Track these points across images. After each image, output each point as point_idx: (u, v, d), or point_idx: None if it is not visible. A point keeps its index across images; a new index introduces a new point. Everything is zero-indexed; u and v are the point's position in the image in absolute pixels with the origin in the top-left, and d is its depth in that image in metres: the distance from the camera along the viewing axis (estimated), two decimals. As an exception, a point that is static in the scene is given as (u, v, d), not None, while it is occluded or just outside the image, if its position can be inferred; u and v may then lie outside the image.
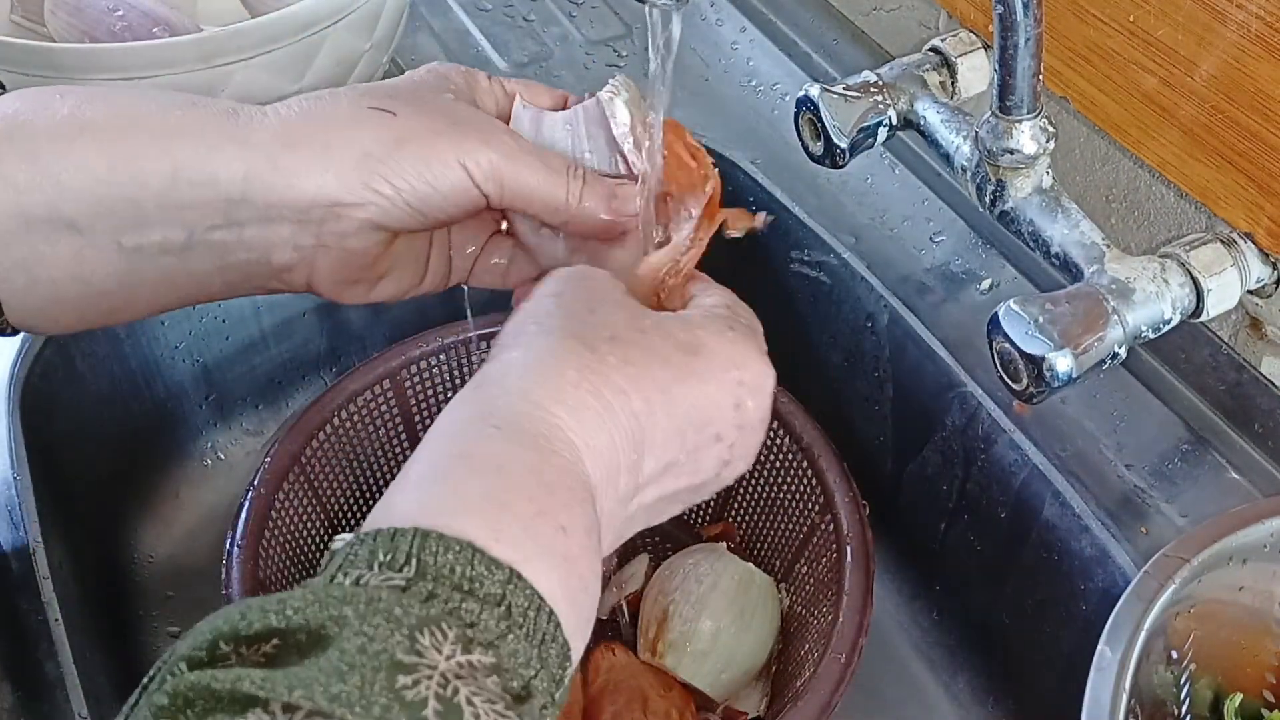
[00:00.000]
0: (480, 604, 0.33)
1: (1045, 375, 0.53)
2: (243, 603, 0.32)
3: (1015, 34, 0.52)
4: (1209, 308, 0.57)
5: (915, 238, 0.74)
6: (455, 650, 0.31)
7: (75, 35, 0.72)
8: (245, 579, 0.61)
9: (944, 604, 0.74)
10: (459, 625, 0.32)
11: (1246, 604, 0.55)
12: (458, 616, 0.32)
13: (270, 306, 0.78)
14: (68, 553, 0.64)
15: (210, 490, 0.79)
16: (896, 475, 0.74)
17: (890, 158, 0.78)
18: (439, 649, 0.31)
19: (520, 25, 0.90)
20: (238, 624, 0.31)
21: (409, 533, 0.34)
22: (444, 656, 0.31)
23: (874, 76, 0.65)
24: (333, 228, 0.47)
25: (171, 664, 0.31)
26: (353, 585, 0.33)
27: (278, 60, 0.68)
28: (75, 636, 0.56)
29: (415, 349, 0.72)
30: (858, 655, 0.59)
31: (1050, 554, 0.63)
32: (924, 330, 0.69)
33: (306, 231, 0.46)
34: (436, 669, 0.31)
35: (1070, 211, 0.58)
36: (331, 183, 0.46)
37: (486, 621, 0.33)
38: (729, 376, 0.43)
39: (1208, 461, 0.63)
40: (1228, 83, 0.57)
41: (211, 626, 0.31)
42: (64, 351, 0.69)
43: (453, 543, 0.34)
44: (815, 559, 0.67)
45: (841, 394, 0.76)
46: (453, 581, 0.33)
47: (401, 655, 0.30)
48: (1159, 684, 0.53)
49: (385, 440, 0.73)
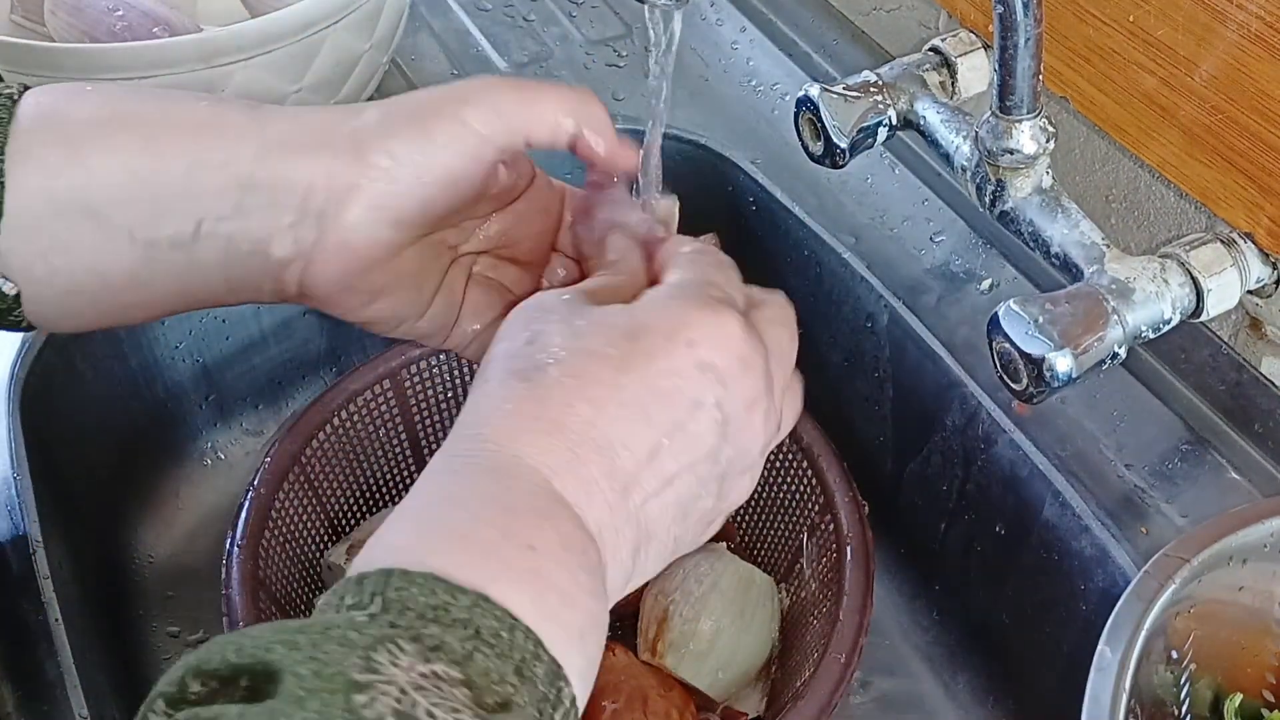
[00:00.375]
0: (444, 628, 0.33)
1: (1045, 375, 0.53)
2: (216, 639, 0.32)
3: (1015, 34, 0.52)
4: (1209, 308, 0.57)
5: (915, 238, 0.74)
6: (414, 662, 0.31)
7: (75, 35, 0.72)
8: (245, 579, 0.61)
9: (944, 604, 0.74)
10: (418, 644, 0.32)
11: (1246, 604, 0.55)
12: (420, 641, 0.32)
13: (270, 306, 0.78)
14: (68, 553, 0.64)
15: (210, 490, 0.79)
16: (896, 475, 0.74)
17: (890, 158, 0.78)
18: (395, 663, 0.31)
19: (520, 25, 0.90)
20: (202, 658, 0.31)
21: (372, 574, 0.34)
22: (402, 669, 0.31)
23: (874, 76, 0.65)
24: (335, 219, 0.46)
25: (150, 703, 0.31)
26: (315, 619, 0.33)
27: (278, 60, 0.68)
28: (75, 636, 0.56)
29: (415, 349, 0.72)
30: (858, 655, 0.59)
31: (1050, 554, 0.63)
32: (924, 330, 0.69)
33: (307, 223, 0.46)
34: (394, 682, 0.30)
35: (1070, 211, 0.58)
36: (327, 161, 0.46)
37: (450, 644, 0.32)
38: (677, 343, 0.42)
39: (1208, 461, 0.63)
40: (1228, 83, 0.57)
41: (184, 663, 0.31)
42: (64, 351, 0.69)
43: (416, 576, 0.34)
44: (815, 559, 0.67)
45: (841, 394, 0.76)
46: (417, 611, 0.33)
47: (356, 675, 0.30)
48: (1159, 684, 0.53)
49: (385, 440, 0.73)
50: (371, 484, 0.74)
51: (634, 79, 0.84)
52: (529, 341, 0.42)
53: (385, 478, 0.75)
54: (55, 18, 0.72)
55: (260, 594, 0.61)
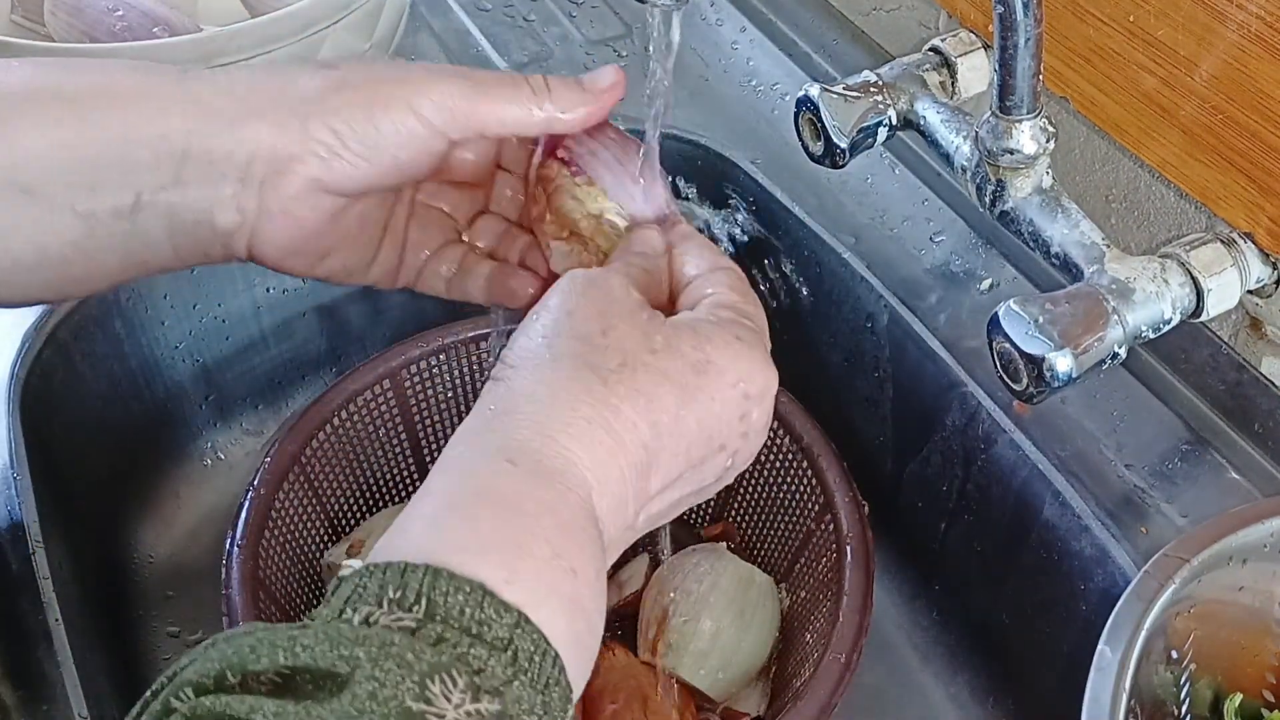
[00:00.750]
0: (488, 649, 0.33)
1: (1045, 375, 0.53)
2: (252, 634, 0.32)
3: (1015, 34, 0.51)
4: (1209, 308, 0.57)
5: (915, 238, 0.74)
6: (464, 699, 0.31)
7: (75, 35, 0.72)
8: (245, 579, 0.61)
9: (944, 604, 0.74)
10: (468, 672, 0.32)
11: (1246, 604, 0.55)
12: (466, 663, 0.32)
13: (270, 306, 0.78)
14: (68, 553, 0.64)
15: (210, 490, 0.79)
16: (896, 475, 0.74)
17: (890, 158, 0.78)
18: (448, 697, 0.31)
19: (520, 25, 0.90)
20: (246, 657, 0.31)
21: (420, 569, 0.34)
22: (453, 705, 0.31)
23: (874, 76, 0.65)
24: (276, 189, 0.45)
25: (177, 687, 0.31)
26: (363, 624, 0.33)
27: (278, 60, 0.68)
28: (75, 636, 0.56)
29: (415, 349, 0.72)
30: (858, 655, 0.59)
31: (1050, 554, 0.63)
32: (924, 330, 0.69)
33: (249, 193, 0.45)
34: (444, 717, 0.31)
35: (1070, 211, 0.58)
36: (266, 131, 0.45)
37: (494, 668, 0.33)
38: (735, 391, 0.43)
39: (1208, 461, 0.63)
40: (1228, 83, 0.57)
41: (221, 655, 0.31)
42: (64, 351, 0.69)
43: (464, 583, 0.34)
44: (815, 559, 0.67)
45: (841, 394, 0.76)
46: (461, 624, 0.33)
47: (411, 702, 0.30)
48: (1159, 684, 0.53)
49: (385, 440, 0.73)
50: (371, 484, 0.74)
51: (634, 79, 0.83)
52: (604, 333, 0.42)
53: (385, 478, 0.75)
54: (55, 18, 0.72)
55: (260, 594, 0.61)
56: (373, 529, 0.70)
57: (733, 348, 0.43)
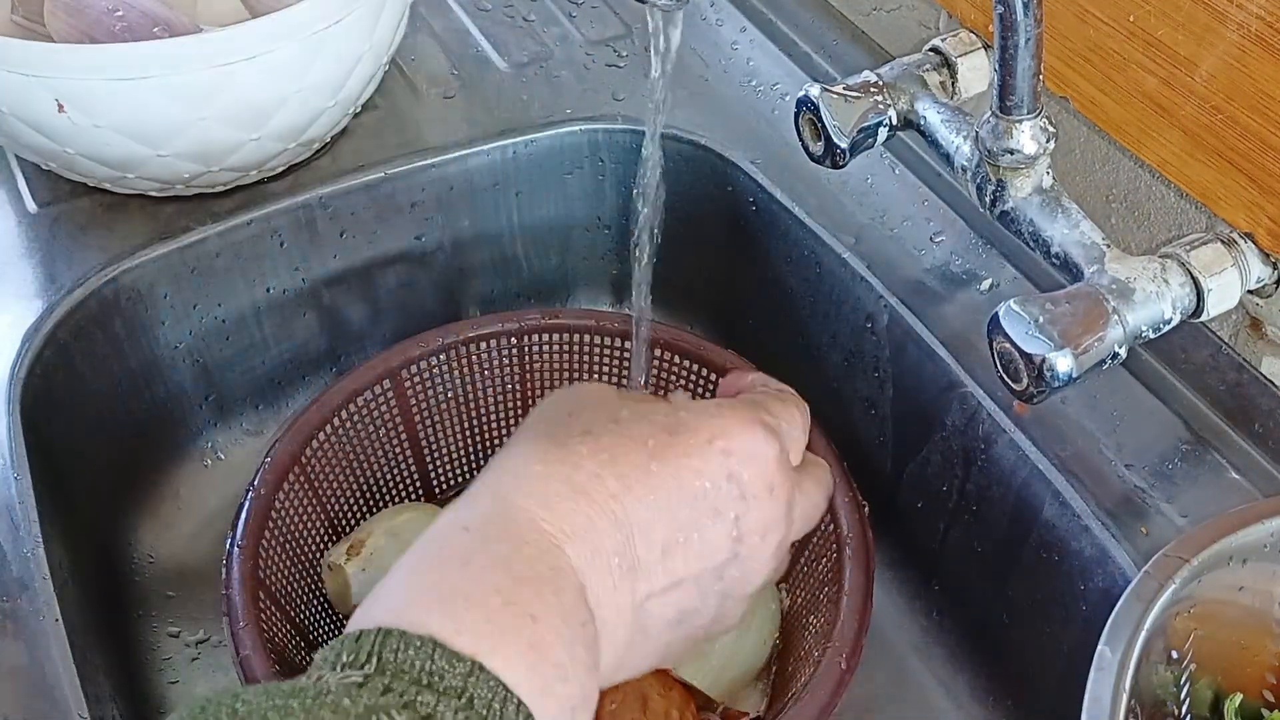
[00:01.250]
0: (439, 696, 0.32)
1: (1045, 375, 0.53)
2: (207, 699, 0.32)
3: (1015, 34, 0.51)
4: (1209, 308, 0.57)
5: (915, 238, 0.74)
6: None
7: (75, 35, 0.72)
8: (245, 579, 0.61)
9: (944, 604, 0.74)
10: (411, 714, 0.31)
11: (1246, 604, 0.55)
12: (412, 709, 0.32)
13: (270, 306, 0.78)
14: (67, 553, 0.64)
15: (210, 490, 0.79)
16: (896, 475, 0.74)
17: (890, 158, 0.78)
18: None
19: (520, 25, 0.90)
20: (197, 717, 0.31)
21: (372, 632, 0.34)
22: None
23: (874, 76, 0.65)
24: None
25: None
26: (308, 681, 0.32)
27: (278, 60, 0.68)
28: (75, 636, 0.56)
29: (415, 349, 0.72)
30: (858, 655, 0.59)
31: (1050, 554, 0.63)
32: (924, 330, 0.69)
33: None
34: None
35: (1070, 211, 0.58)
36: None
37: (443, 714, 0.32)
38: (713, 448, 0.42)
39: (1208, 461, 0.63)
40: (1228, 83, 0.57)
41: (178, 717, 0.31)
42: (64, 351, 0.69)
43: (414, 639, 0.33)
44: (815, 559, 0.67)
45: (841, 394, 0.76)
46: (412, 676, 0.33)
47: None
48: (1159, 684, 0.53)
49: (385, 440, 0.73)
50: (372, 484, 0.74)
51: (634, 79, 0.83)
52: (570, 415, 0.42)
53: (385, 478, 0.75)
54: (55, 18, 0.72)
55: (260, 594, 0.61)
56: (373, 529, 0.70)
57: (709, 410, 0.43)
